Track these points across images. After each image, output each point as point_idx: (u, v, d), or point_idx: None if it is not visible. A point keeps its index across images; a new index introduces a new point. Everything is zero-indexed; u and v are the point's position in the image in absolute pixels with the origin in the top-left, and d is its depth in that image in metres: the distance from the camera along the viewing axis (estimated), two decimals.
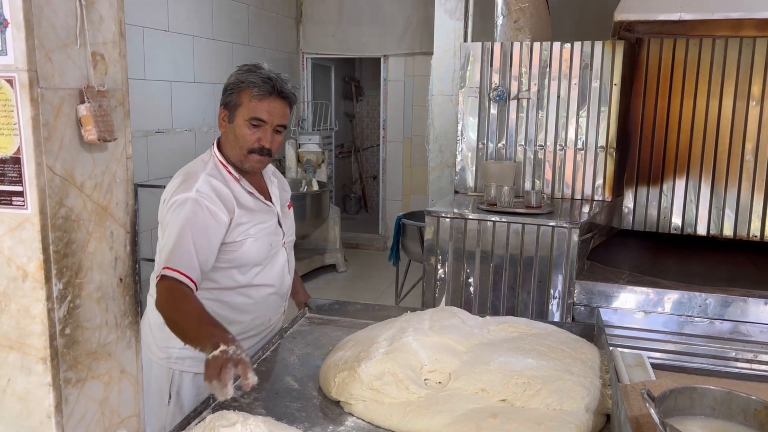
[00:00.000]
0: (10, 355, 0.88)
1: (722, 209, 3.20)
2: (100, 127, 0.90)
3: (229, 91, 1.71)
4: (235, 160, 1.73)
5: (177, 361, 1.73)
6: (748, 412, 1.25)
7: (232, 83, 1.70)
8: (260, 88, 1.67)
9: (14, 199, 0.84)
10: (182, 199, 1.61)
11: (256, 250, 1.73)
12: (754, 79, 3.08)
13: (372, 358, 1.44)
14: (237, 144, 1.71)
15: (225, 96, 1.73)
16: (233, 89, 1.70)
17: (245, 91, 1.68)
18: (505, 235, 2.71)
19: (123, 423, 1.02)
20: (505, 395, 1.33)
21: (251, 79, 1.67)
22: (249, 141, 1.69)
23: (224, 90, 1.73)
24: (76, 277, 0.90)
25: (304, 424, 1.33)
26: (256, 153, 1.71)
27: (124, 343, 1.02)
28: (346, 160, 8.39)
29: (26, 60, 0.81)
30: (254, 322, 1.80)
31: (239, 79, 1.69)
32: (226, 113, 1.73)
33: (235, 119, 1.70)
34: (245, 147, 1.70)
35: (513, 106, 3.25)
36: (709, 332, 2.41)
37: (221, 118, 1.75)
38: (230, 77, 1.73)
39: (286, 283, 1.86)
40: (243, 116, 1.68)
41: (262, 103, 1.67)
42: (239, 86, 1.68)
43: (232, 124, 1.71)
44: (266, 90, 1.67)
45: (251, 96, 1.67)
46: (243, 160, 1.72)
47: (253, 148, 1.70)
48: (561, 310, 2.64)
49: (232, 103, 1.70)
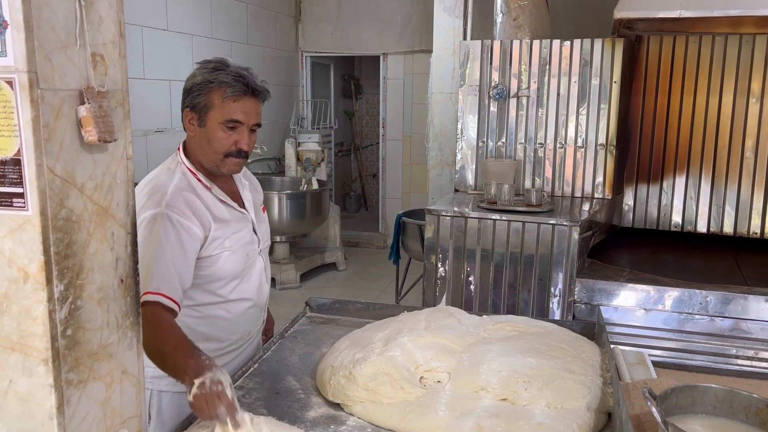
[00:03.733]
0: (11, 356, 0.87)
1: (722, 206, 3.20)
2: (100, 128, 0.90)
3: (196, 92, 1.59)
4: (210, 165, 1.63)
5: (153, 381, 1.59)
6: (749, 411, 1.25)
7: (200, 83, 1.58)
8: (234, 88, 1.56)
9: (15, 201, 0.84)
10: (151, 216, 1.51)
11: (232, 263, 1.64)
12: (754, 76, 3.07)
13: (366, 359, 1.44)
14: (211, 148, 1.60)
15: (191, 97, 1.60)
16: (201, 90, 1.58)
17: (216, 91, 1.57)
18: (506, 233, 2.70)
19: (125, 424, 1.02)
20: (506, 394, 1.33)
21: (222, 79, 1.56)
22: (225, 144, 1.59)
23: (188, 91, 1.61)
24: (77, 279, 0.90)
25: (306, 424, 1.34)
26: (233, 156, 1.61)
27: (125, 343, 1.01)
28: (346, 159, 8.39)
29: (26, 61, 0.80)
30: (233, 337, 1.71)
31: (207, 78, 1.57)
32: (194, 116, 1.61)
33: (207, 122, 1.59)
34: (221, 151, 1.60)
35: (513, 104, 3.25)
36: (710, 329, 2.41)
37: (187, 121, 1.63)
38: (194, 76, 1.60)
39: (264, 293, 1.78)
40: (217, 119, 1.58)
41: (236, 103, 1.57)
42: (208, 86, 1.57)
43: (204, 128, 1.59)
44: (240, 89, 1.57)
45: (224, 97, 1.56)
46: (219, 165, 1.62)
47: (231, 151, 1.60)
48: (561, 308, 2.64)
49: (201, 105, 1.58)
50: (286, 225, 5.22)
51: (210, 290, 1.63)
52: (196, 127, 1.62)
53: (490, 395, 1.34)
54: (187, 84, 1.62)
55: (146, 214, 1.51)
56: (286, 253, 5.45)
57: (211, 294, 1.64)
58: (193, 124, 1.62)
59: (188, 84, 1.62)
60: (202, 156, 1.63)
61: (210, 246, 1.59)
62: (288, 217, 5.17)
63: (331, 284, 5.53)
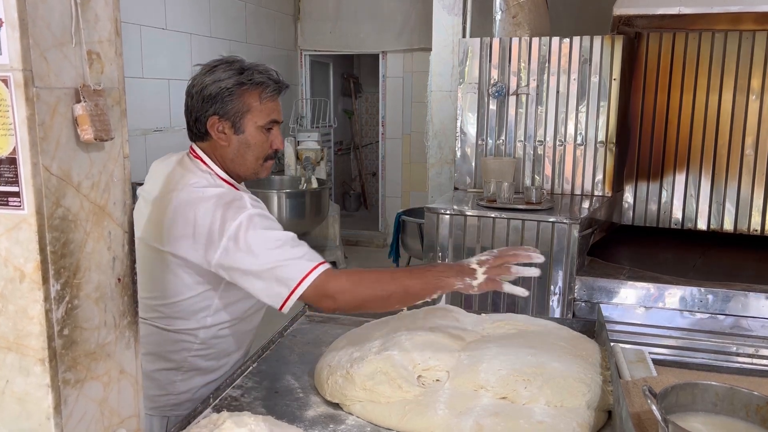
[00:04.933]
0: (8, 356, 0.87)
1: (722, 204, 3.20)
2: (96, 126, 0.89)
3: (227, 97, 1.45)
4: (248, 173, 1.53)
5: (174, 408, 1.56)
6: (750, 408, 1.25)
7: (231, 87, 1.45)
8: (271, 88, 1.48)
9: (10, 200, 0.83)
10: (246, 218, 1.37)
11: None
12: (754, 73, 3.07)
13: (364, 358, 1.43)
14: (251, 154, 1.50)
15: (219, 103, 1.46)
16: (232, 94, 1.45)
17: (252, 93, 1.47)
18: (505, 231, 2.70)
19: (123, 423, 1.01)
20: (506, 393, 1.33)
21: (257, 79, 1.47)
22: (266, 148, 1.51)
23: (213, 97, 1.46)
24: (74, 278, 0.90)
25: (305, 423, 1.33)
26: (271, 158, 1.55)
27: (123, 343, 1.01)
28: (345, 158, 8.38)
29: (21, 59, 0.80)
30: (248, 348, 1.69)
31: (238, 81, 1.46)
32: (226, 124, 1.48)
33: (246, 127, 1.48)
34: (262, 155, 1.51)
35: (512, 102, 3.24)
36: (711, 327, 2.40)
37: (219, 131, 1.48)
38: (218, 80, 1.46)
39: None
40: (256, 122, 1.48)
41: (274, 103, 1.50)
42: (242, 88, 1.46)
43: (243, 134, 1.48)
44: (276, 89, 1.50)
45: (263, 98, 1.48)
46: (259, 171, 1.54)
47: (270, 154, 1.53)
48: (561, 306, 2.63)
49: (235, 109, 1.46)
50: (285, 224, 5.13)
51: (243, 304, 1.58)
52: (230, 136, 1.49)
53: (490, 394, 1.33)
54: (212, 89, 1.46)
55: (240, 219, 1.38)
56: None
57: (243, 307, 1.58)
58: (225, 132, 1.49)
59: (213, 89, 1.46)
60: (240, 164, 1.51)
61: None
62: (287, 216, 5.16)
63: None
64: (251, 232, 1.37)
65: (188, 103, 1.52)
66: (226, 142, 1.50)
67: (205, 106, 1.48)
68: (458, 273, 1.34)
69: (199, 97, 1.49)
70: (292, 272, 1.34)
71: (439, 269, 1.36)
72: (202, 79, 1.49)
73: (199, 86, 1.49)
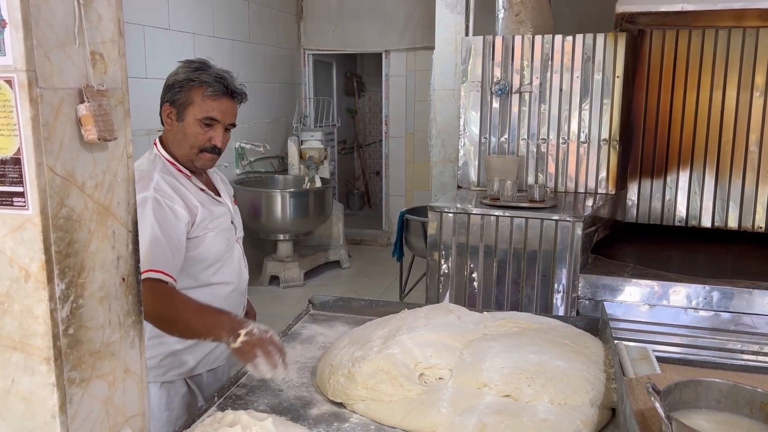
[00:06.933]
0: (13, 355, 0.88)
1: (727, 201, 3.19)
2: (100, 126, 0.90)
3: (177, 89, 1.68)
4: (184, 159, 1.72)
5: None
6: (754, 405, 1.25)
7: (182, 80, 1.67)
8: (213, 88, 1.66)
9: (15, 200, 0.84)
10: (142, 199, 1.57)
11: (216, 244, 1.72)
12: (758, 70, 3.06)
13: (365, 357, 1.44)
14: (187, 142, 1.69)
15: (171, 93, 1.69)
16: (182, 87, 1.67)
17: (196, 89, 1.66)
18: (509, 229, 2.70)
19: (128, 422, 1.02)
20: (509, 391, 1.33)
21: (204, 78, 1.66)
22: (201, 140, 1.69)
23: (170, 87, 1.70)
24: (78, 277, 0.90)
25: (309, 422, 1.34)
26: (207, 152, 1.71)
27: (127, 342, 1.02)
28: (349, 157, 8.38)
29: (25, 60, 0.80)
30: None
31: (189, 77, 1.67)
32: (173, 111, 1.70)
33: (186, 118, 1.68)
34: (196, 146, 1.70)
35: (515, 100, 3.24)
36: (715, 324, 2.40)
37: (166, 115, 1.72)
38: (176, 74, 1.70)
39: (243, 278, 1.85)
40: (194, 115, 1.67)
41: (215, 102, 1.67)
42: (189, 84, 1.66)
43: (182, 123, 1.69)
44: (219, 89, 1.67)
45: (204, 95, 1.66)
46: (194, 159, 1.71)
47: (206, 147, 1.70)
48: (565, 304, 2.63)
49: (180, 101, 1.68)
50: (289, 223, 5.22)
51: (192, 274, 1.70)
52: (174, 122, 1.70)
53: (493, 392, 1.34)
54: (169, 80, 1.71)
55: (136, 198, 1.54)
56: (289, 252, 5.45)
57: (192, 278, 1.70)
58: (171, 118, 1.71)
59: (170, 80, 1.70)
60: (177, 149, 1.72)
61: (196, 228, 1.68)
62: (291, 216, 5.17)
63: (334, 282, 5.53)
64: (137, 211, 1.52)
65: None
66: (170, 126, 1.72)
67: (163, 94, 1.72)
68: (230, 331, 1.44)
69: (163, 87, 1.73)
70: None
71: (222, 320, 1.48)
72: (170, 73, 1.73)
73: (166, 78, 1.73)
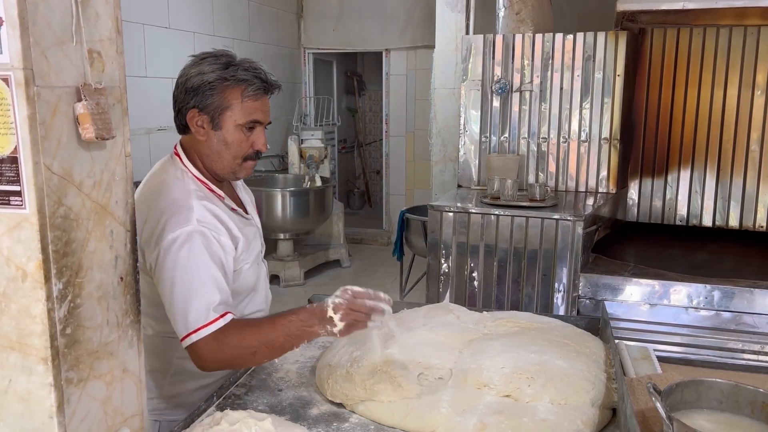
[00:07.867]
0: (11, 355, 0.87)
1: (728, 200, 3.18)
2: (97, 125, 0.89)
3: (207, 91, 1.42)
4: (225, 172, 1.50)
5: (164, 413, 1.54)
6: (755, 405, 1.24)
7: (212, 81, 1.42)
8: (255, 86, 1.44)
9: (12, 199, 0.83)
10: (185, 235, 1.36)
11: (251, 275, 1.56)
12: (759, 68, 3.05)
13: (364, 357, 1.43)
14: (228, 153, 1.47)
15: (199, 96, 1.43)
16: (213, 88, 1.42)
17: (232, 90, 1.43)
18: (509, 228, 2.69)
19: (126, 422, 1.02)
20: (509, 391, 1.32)
21: (241, 76, 1.43)
22: (245, 148, 1.47)
23: (194, 89, 1.43)
24: (76, 277, 0.90)
25: (308, 422, 1.33)
26: (251, 159, 1.51)
27: (125, 342, 1.01)
28: (349, 156, 8.37)
29: (22, 58, 0.80)
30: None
31: (221, 76, 1.42)
32: (205, 118, 1.45)
33: (224, 124, 1.45)
34: (240, 155, 1.48)
35: (516, 99, 3.23)
36: (716, 324, 2.39)
37: (197, 125, 1.45)
38: (201, 73, 1.43)
39: (269, 299, 1.70)
40: (235, 120, 1.45)
41: (257, 102, 1.46)
42: (223, 84, 1.43)
43: (220, 131, 1.45)
44: (260, 87, 1.45)
45: (245, 96, 1.44)
46: (237, 170, 1.50)
47: (250, 154, 1.49)
48: (566, 303, 2.63)
49: (214, 105, 1.43)
50: (289, 222, 5.22)
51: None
52: (208, 131, 1.46)
53: (493, 392, 1.33)
54: (193, 81, 1.44)
55: (178, 233, 1.36)
56: (290, 251, 5.45)
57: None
58: (203, 127, 1.46)
59: (194, 81, 1.44)
60: (217, 162, 1.49)
61: (236, 261, 1.49)
62: (291, 215, 5.16)
63: (335, 281, 5.52)
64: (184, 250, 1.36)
65: (174, 94, 1.51)
66: (204, 137, 1.47)
67: (186, 97, 1.46)
68: (320, 321, 1.34)
69: (182, 89, 1.47)
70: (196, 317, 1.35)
71: (302, 318, 1.36)
72: (188, 71, 1.47)
73: (184, 77, 1.47)
